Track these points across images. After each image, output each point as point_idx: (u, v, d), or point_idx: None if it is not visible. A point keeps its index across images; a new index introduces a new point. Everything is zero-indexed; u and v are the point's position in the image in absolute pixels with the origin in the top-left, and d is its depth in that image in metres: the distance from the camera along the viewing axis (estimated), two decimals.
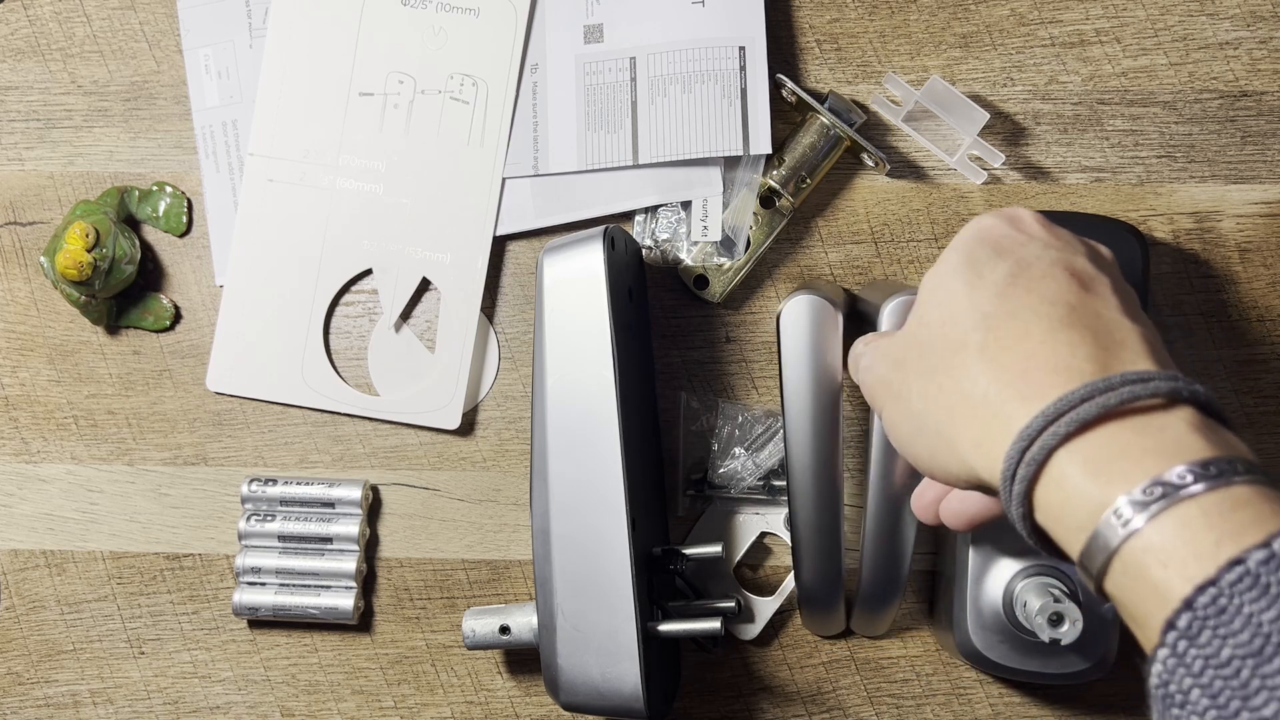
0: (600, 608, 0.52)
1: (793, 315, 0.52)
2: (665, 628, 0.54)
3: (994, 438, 0.37)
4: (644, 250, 0.60)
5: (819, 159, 0.58)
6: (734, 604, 0.56)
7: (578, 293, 0.53)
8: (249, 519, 0.61)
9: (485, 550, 0.61)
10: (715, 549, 0.56)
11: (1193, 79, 0.59)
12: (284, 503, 0.61)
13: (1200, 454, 0.33)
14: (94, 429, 0.62)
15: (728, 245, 0.59)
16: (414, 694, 0.61)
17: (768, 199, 0.59)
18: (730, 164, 0.59)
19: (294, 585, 0.60)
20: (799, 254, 0.60)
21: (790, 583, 0.60)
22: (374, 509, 0.62)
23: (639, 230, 0.60)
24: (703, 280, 0.60)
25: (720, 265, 0.60)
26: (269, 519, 0.60)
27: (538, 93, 0.61)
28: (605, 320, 0.53)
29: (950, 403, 0.39)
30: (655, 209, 0.60)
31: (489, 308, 0.61)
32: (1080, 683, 0.56)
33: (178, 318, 0.62)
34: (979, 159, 0.59)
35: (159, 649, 0.62)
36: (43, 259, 0.60)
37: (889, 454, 0.52)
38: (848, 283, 0.60)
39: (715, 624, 0.54)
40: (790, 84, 0.57)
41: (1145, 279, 0.55)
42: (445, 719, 0.61)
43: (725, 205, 0.59)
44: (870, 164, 0.59)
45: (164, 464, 0.62)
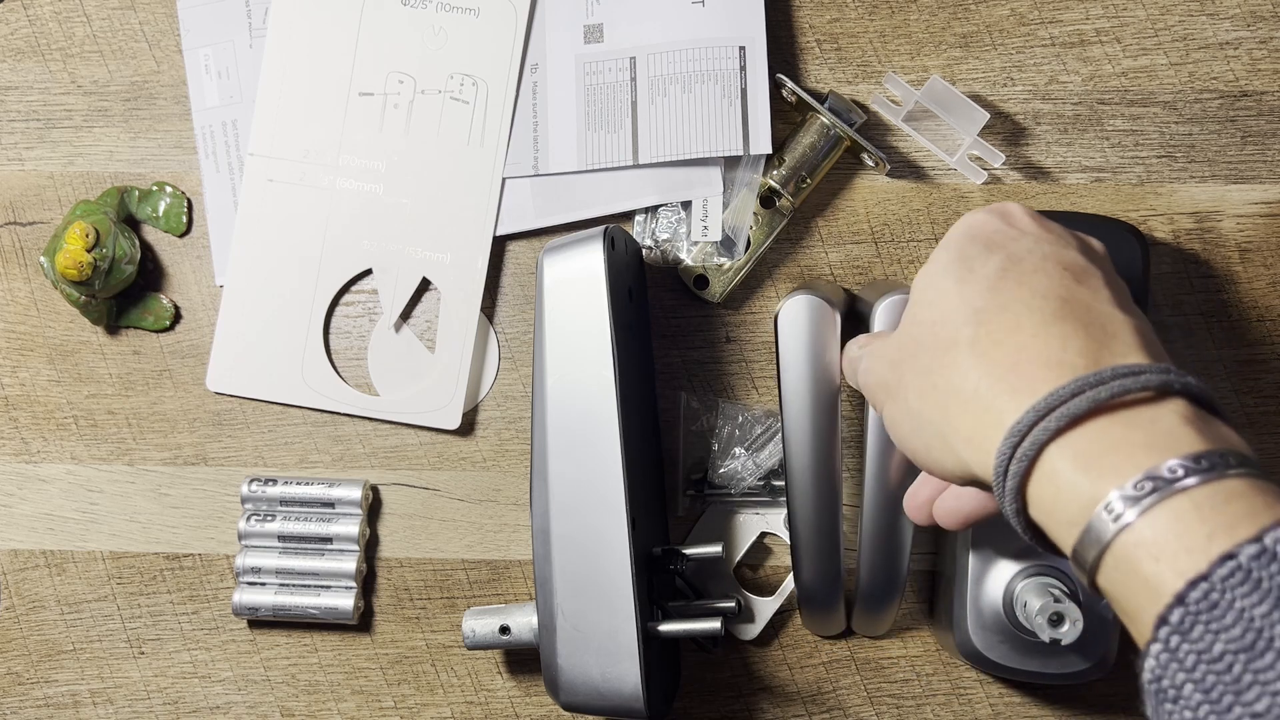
0: (600, 608, 0.52)
1: (791, 315, 0.52)
2: (665, 628, 0.54)
3: (986, 433, 0.37)
4: (644, 250, 0.60)
5: (819, 159, 0.58)
6: (734, 604, 0.56)
7: (578, 293, 0.53)
8: (249, 519, 0.61)
9: (485, 550, 0.61)
10: (715, 549, 0.56)
11: (1193, 79, 0.59)
12: (284, 503, 0.61)
13: (1192, 447, 0.33)
14: (94, 429, 0.62)
15: (728, 245, 0.59)
16: (414, 694, 0.61)
17: (768, 199, 0.59)
18: (730, 164, 0.59)
19: (294, 585, 0.60)
20: (799, 254, 0.60)
21: (790, 583, 0.60)
22: (374, 509, 0.62)
23: (639, 230, 0.60)
24: (703, 280, 0.60)
25: (720, 265, 0.60)
26: (269, 519, 0.60)
27: (538, 93, 0.61)
28: (605, 320, 0.53)
29: (944, 399, 0.39)
30: (655, 209, 0.60)
31: (489, 308, 0.61)
32: (1080, 683, 0.56)
33: (178, 318, 0.62)
34: (979, 159, 0.59)
35: (159, 649, 0.62)
36: (43, 259, 0.60)
37: (885, 453, 0.52)
38: (848, 283, 0.60)
39: (715, 624, 0.54)
40: (790, 84, 0.57)
41: (1145, 279, 0.55)
42: (445, 719, 0.61)
43: (725, 205, 0.59)
44: (870, 164, 0.59)
45: (164, 464, 0.62)
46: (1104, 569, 0.33)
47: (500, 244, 0.61)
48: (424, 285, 0.61)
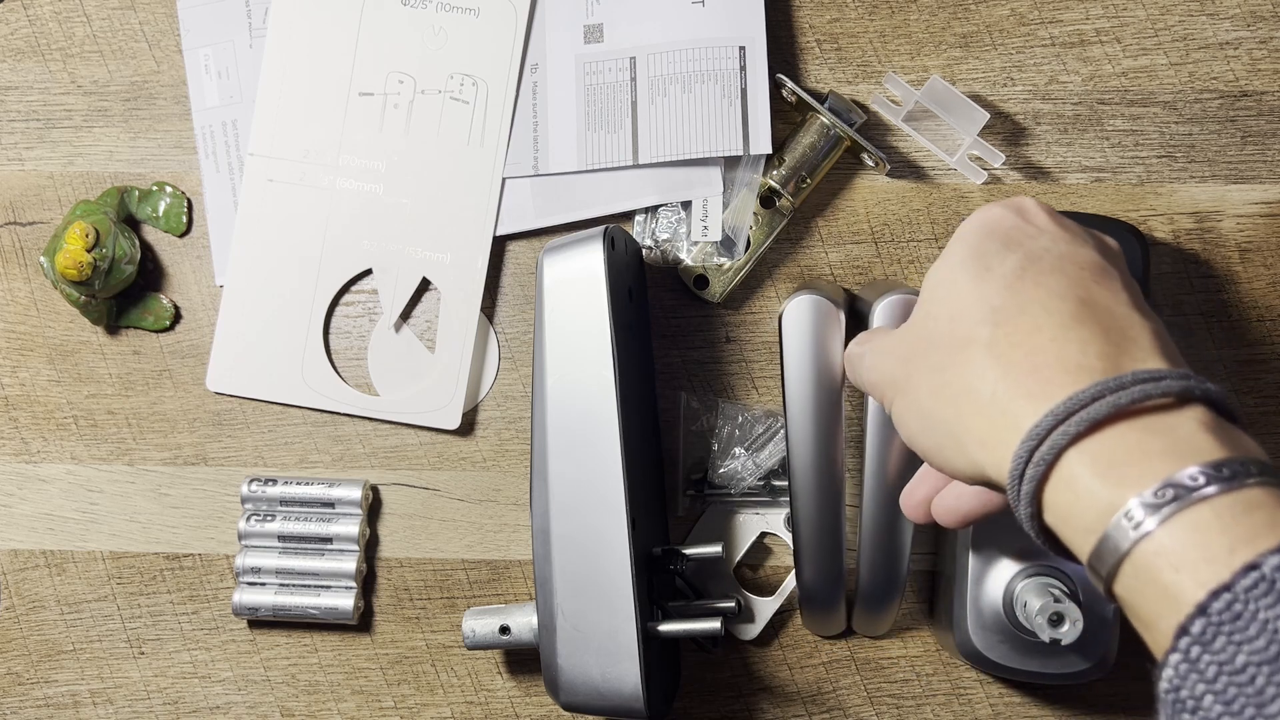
0: (600, 608, 0.52)
1: (795, 315, 0.52)
2: (665, 628, 0.54)
3: (1002, 435, 0.37)
4: (644, 250, 0.60)
5: (819, 159, 0.58)
6: (734, 604, 0.56)
7: (578, 293, 0.53)
8: (249, 519, 0.61)
9: (485, 550, 0.61)
10: (715, 549, 0.56)
11: (1193, 79, 0.59)
12: (284, 503, 0.61)
13: (1212, 455, 0.33)
14: (94, 429, 0.62)
15: (728, 245, 0.59)
16: (414, 694, 0.61)
17: (768, 199, 0.59)
18: (730, 164, 0.59)
19: (294, 585, 0.60)
20: (799, 254, 0.60)
21: (790, 583, 0.60)
22: (374, 509, 0.62)
23: (639, 230, 0.60)
24: (703, 280, 0.60)
25: (720, 265, 0.60)
26: (269, 519, 0.60)
27: (538, 93, 0.61)
28: (605, 320, 0.53)
29: (957, 399, 0.39)
30: (655, 209, 0.60)
31: (489, 308, 0.61)
32: (1080, 683, 0.56)
33: (178, 318, 0.62)
34: (979, 159, 0.59)
35: (159, 649, 0.62)
36: (43, 259, 0.60)
37: (885, 453, 0.52)
38: (848, 283, 0.60)
39: (715, 624, 0.54)
40: (790, 84, 0.57)
41: (1145, 279, 0.55)
42: (445, 719, 0.61)
43: (725, 205, 0.59)
44: (870, 164, 0.59)
45: (164, 464, 0.62)
46: (1121, 577, 0.33)
47: (500, 244, 0.61)
48: (424, 285, 0.61)
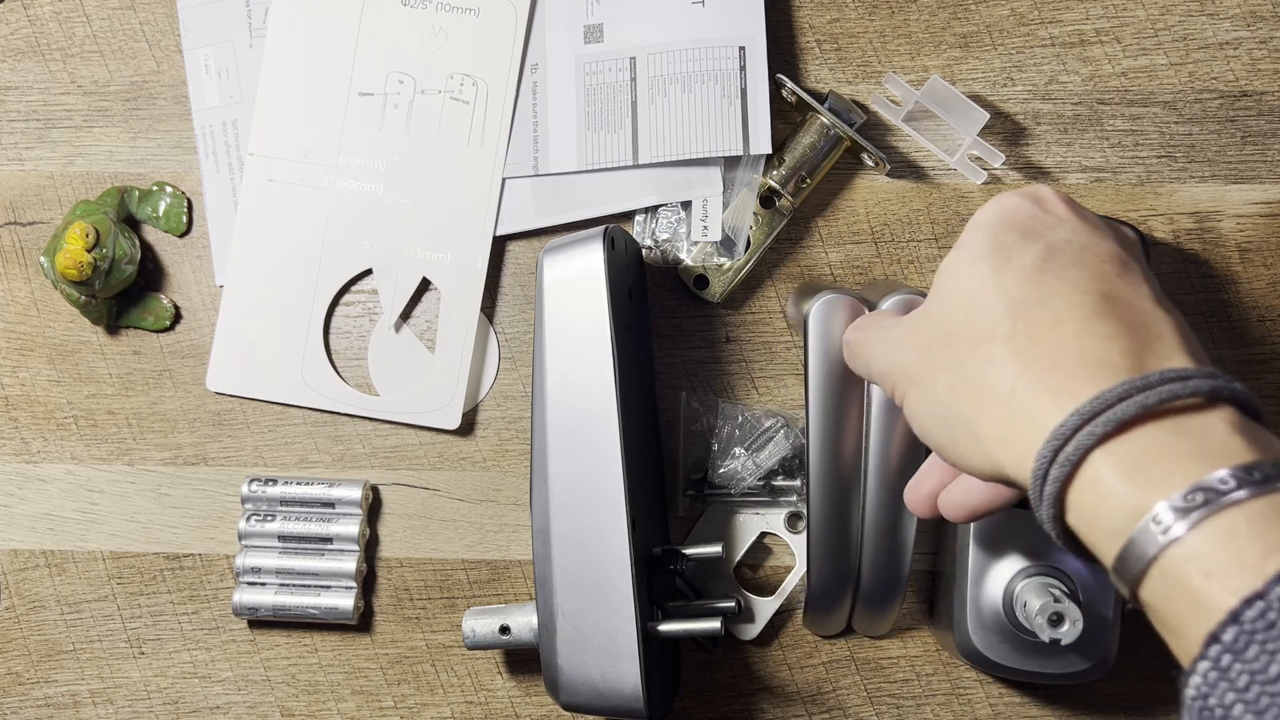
0: (600, 608, 0.52)
1: (821, 315, 0.52)
2: (665, 628, 0.54)
3: (1023, 433, 0.36)
4: (644, 250, 0.60)
5: (819, 159, 0.58)
6: (734, 604, 0.56)
7: (578, 293, 0.53)
8: (249, 519, 0.61)
9: (485, 550, 0.61)
10: (715, 549, 0.56)
11: (1193, 79, 0.59)
12: (284, 503, 0.61)
13: (1242, 457, 0.32)
14: (94, 429, 0.62)
15: (728, 245, 0.59)
16: (414, 694, 0.61)
17: (768, 199, 0.59)
18: (730, 164, 0.59)
19: (294, 585, 0.60)
20: (799, 254, 0.60)
21: (790, 583, 0.60)
22: (374, 509, 0.62)
23: (639, 230, 0.60)
24: (703, 280, 0.60)
25: (720, 265, 0.60)
26: (269, 519, 0.60)
27: (538, 93, 0.61)
28: (605, 320, 0.53)
29: (976, 394, 0.38)
30: (655, 209, 0.60)
31: (489, 308, 0.61)
32: (1080, 683, 0.56)
33: (178, 318, 0.62)
34: (979, 159, 0.59)
35: (159, 649, 0.62)
36: (43, 259, 0.60)
37: (888, 453, 0.52)
38: (848, 282, 0.60)
39: (715, 624, 0.54)
40: (790, 84, 0.57)
41: None
42: (445, 719, 0.61)
43: (725, 205, 0.59)
44: (870, 164, 0.59)
45: (164, 464, 0.62)
46: (1148, 582, 0.32)
47: (500, 244, 0.61)
48: (424, 285, 0.61)
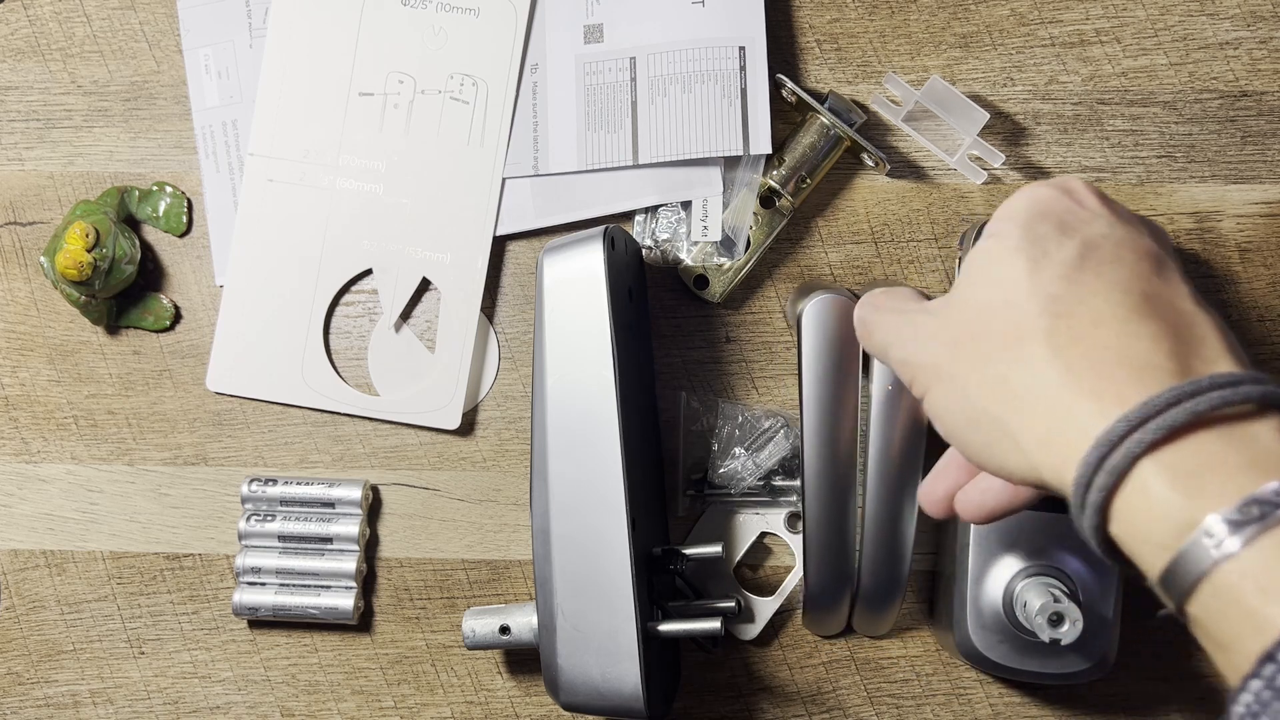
0: (600, 608, 0.52)
1: (815, 315, 0.52)
2: (665, 628, 0.54)
3: (1064, 437, 0.34)
4: (644, 250, 0.60)
5: (819, 159, 0.58)
6: (734, 604, 0.56)
7: (578, 293, 0.53)
8: (249, 519, 0.61)
9: (485, 550, 0.61)
10: (715, 549, 0.56)
11: (1193, 79, 0.59)
12: (284, 503, 0.61)
13: None
14: (94, 429, 0.62)
15: (728, 245, 0.59)
16: (414, 694, 0.61)
17: (768, 199, 0.59)
18: (730, 164, 0.59)
19: (294, 585, 0.60)
20: (799, 254, 0.60)
21: (790, 583, 0.60)
22: (374, 509, 0.62)
23: (639, 230, 0.60)
24: (703, 280, 0.60)
25: (720, 265, 0.60)
26: (269, 519, 0.60)
27: (538, 93, 0.61)
28: (605, 320, 0.53)
29: (1012, 394, 0.36)
30: (655, 209, 0.60)
31: (489, 308, 0.61)
32: (1080, 683, 0.56)
33: (178, 318, 0.62)
34: (979, 159, 0.59)
35: (159, 649, 0.62)
36: (43, 259, 0.60)
37: (886, 452, 0.52)
38: (848, 282, 0.60)
39: (715, 624, 0.54)
40: (790, 84, 0.57)
41: None
42: (445, 719, 0.61)
43: (725, 205, 0.59)
44: (870, 164, 0.59)
45: (164, 464, 0.62)
46: (1198, 597, 0.31)
47: (500, 244, 0.61)
48: (424, 285, 0.61)
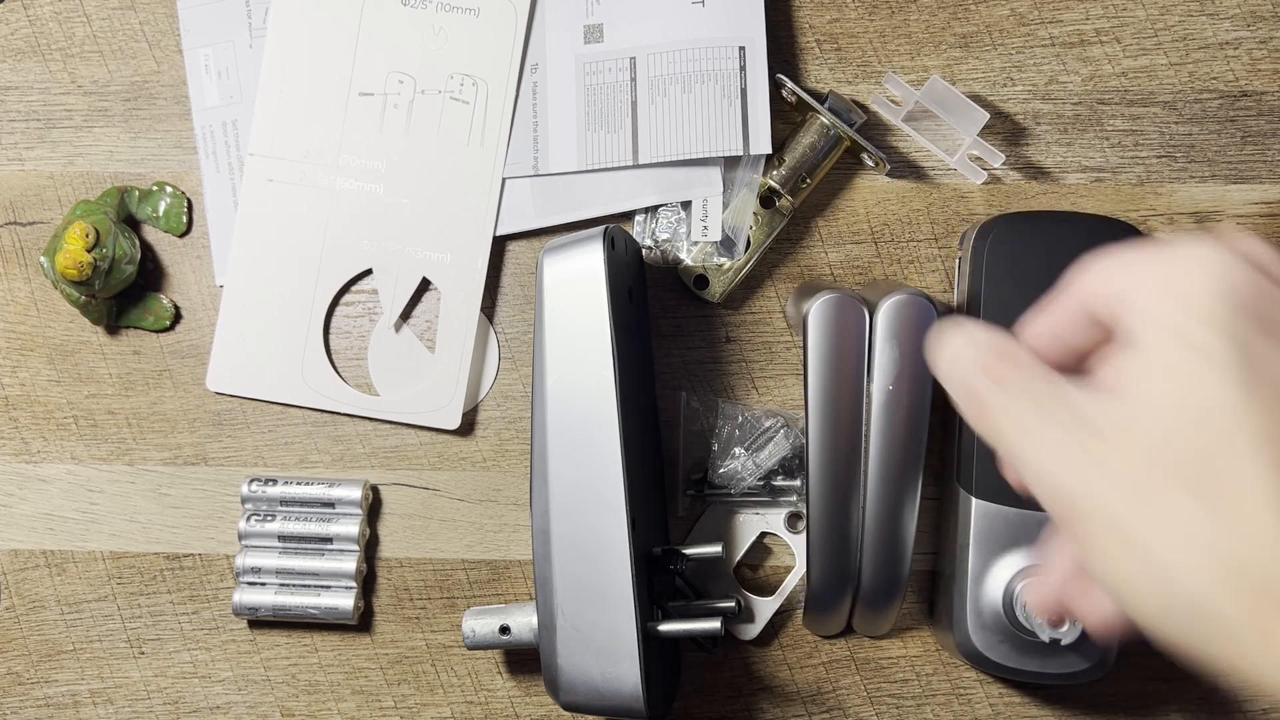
0: (600, 608, 0.52)
1: (820, 316, 0.52)
2: (665, 628, 0.54)
3: None
4: (644, 250, 0.60)
5: (819, 159, 0.58)
6: (734, 604, 0.56)
7: (578, 293, 0.53)
8: (249, 519, 0.61)
9: (485, 550, 0.61)
10: (715, 549, 0.56)
11: (1193, 79, 0.59)
12: (284, 503, 0.61)
13: None
14: (94, 429, 0.62)
15: (728, 245, 0.59)
16: (414, 694, 0.61)
17: (768, 199, 0.59)
18: (730, 164, 0.59)
19: (294, 585, 0.60)
20: (799, 254, 0.60)
21: (790, 583, 0.60)
22: (374, 509, 0.62)
23: (639, 230, 0.60)
24: (703, 280, 0.60)
25: (720, 265, 0.60)
26: (269, 519, 0.60)
27: (538, 93, 0.61)
28: (605, 320, 0.53)
29: (1224, 568, 0.29)
30: (655, 209, 0.60)
31: (489, 308, 0.61)
32: (1080, 683, 0.56)
33: (178, 318, 0.62)
34: (979, 159, 0.59)
35: (159, 649, 0.62)
36: (43, 259, 0.60)
37: (889, 454, 0.52)
38: (848, 282, 0.60)
39: (715, 624, 0.54)
40: (790, 84, 0.57)
41: None
42: (445, 719, 0.61)
43: (725, 205, 0.59)
44: (870, 164, 0.59)
45: (164, 464, 0.62)
46: None
47: (500, 244, 0.61)
48: (424, 285, 0.61)
